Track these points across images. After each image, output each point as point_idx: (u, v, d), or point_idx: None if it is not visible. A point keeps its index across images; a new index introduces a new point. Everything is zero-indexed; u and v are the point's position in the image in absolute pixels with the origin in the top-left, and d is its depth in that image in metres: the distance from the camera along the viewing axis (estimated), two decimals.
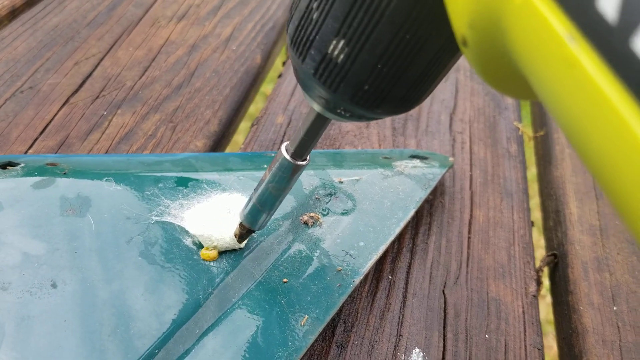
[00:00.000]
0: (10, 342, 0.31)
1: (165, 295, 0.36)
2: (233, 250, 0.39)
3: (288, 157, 0.34)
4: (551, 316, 0.50)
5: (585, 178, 0.57)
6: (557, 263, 0.51)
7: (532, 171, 0.64)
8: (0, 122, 0.48)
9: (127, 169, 0.44)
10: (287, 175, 0.35)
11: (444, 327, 0.41)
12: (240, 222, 0.38)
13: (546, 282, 0.52)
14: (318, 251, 0.41)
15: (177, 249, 0.38)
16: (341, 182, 0.47)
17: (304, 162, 0.34)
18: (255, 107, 0.61)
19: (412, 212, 0.46)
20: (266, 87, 0.61)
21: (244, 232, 0.38)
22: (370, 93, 0.26)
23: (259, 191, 0.36)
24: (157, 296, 0.35)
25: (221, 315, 0.36)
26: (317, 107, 0.30)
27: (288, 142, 0.34)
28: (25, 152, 0.46)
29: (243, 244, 0.39)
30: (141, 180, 0.43)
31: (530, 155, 0.68)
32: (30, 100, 0.50)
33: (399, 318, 0.41)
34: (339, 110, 0.28)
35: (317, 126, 0.32)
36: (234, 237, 0.38)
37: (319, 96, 0.28)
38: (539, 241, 0.58)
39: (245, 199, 0.42)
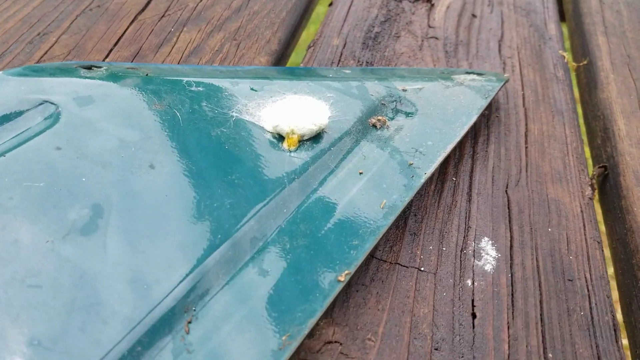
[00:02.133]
0: (118, 212, 0.34)
1: (254, 178, 0.38)
2: (311, 144, 0.41)
3: None
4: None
5: (630, 99, 0.59)
6: (607, 175, 0.52)
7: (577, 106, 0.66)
8: (74, 36, 0.50)
9: (203, 75, 0.46)
10: None
11: (510, 221, 0.43)
12: None
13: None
14: (389, 149, 0.43)
15: (259, 140, 0.41)
16: (405, 91, 0.49)
17: None
18: (306, 33, 0.63)
19: (474, 118, 0.48)
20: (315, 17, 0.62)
21: None
22: None
23: None
24: (247, 178, 0.38)
25: (305, 198, 0.38)
26: None
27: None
28: (103, 60, 0.48)
29: (315, 131, 0.41)
30: (218, 83, 0.44)
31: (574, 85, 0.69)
32: (100, 16, 0.52)
33: (466, 212, 0.43)
34: None
35: None
36: (314, 124, 0.40)
37: None
38: (588, 161, 0.59)
39: (316, 102, 0.44)
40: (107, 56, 0.48)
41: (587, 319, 0.38)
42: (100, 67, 0.44)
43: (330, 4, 0.65)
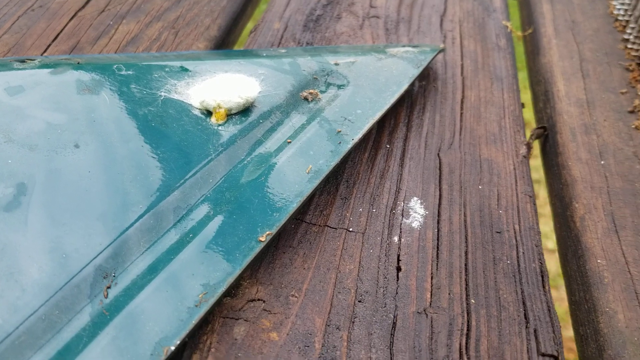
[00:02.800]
0: (42, 188, 0.35)
1: (180, 152, 0.39)
2: (239, 118, 0.42)
3: None
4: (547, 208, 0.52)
5: (572, 62, 0.60)
6: (547, 136, 0.53)
7: (524, 75, 0.67)
8: (15, 35, 0.51)
9: (135, 61, 0.47)
10: None
11: (440, 181, 0.44)
12: None
13: (540, 170, 0.55)
14: (318, 119, 0.44)
15: (186, 117, 0.41)
16: (337, 64, 0.50)
17: None
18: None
19: (405, 86, 0.48)
20: (264, 7, 0.64)
21: None
22: None
23: None
24: (172, 152, 0.39)
25: (232, 168, 0.39)
26: None
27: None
28: (41, 55, 0.49)
29: (242, 105, 0.42)
30: (149, 67, 0.45)
31: (522, 59, 0.70)
32: (41, 16, 0.53)
33: (397, 176, 0.44)
34: None
35: None
36: (240, 97, 0.41)
37: None
38: (531, 125, 0.60)
39: (246, 79, 0.45)
40: (45, 51, 0.49)
41: (514, 267, 0.38)
42: (33, 59, 0.45)
43: None
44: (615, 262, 0.39)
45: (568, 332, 0.49)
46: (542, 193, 0.99)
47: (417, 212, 0.41)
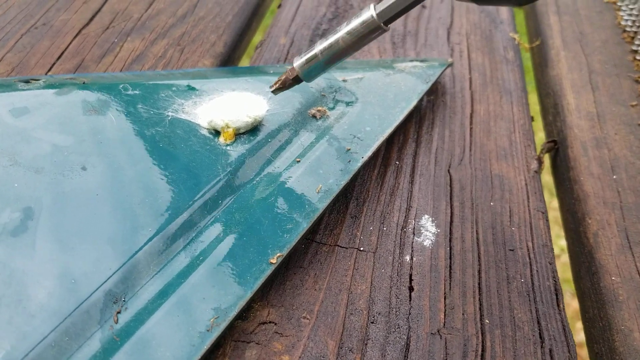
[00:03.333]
0: (49, 212, 0.34)
1: (188, 173, 0.38)
2: (248, 137, 0.42)
3: (375, 14, 0.35)
4: (558, 216, 0.52)
5: (581, 74, 0.59)
6: (558, 149, 0.53)
7: (532, 96, 0.66)
8: (19, 53, 0.51)
9: (141, 80, 0.47)
10: (364, 33, 0.35)
11: (451, 198, 0.43)
12: (292, 67, 0.40)
13: (550, 179, 0.55)
14: (327, 137, 0.44)
15: (194, 137, 0.41)
16: (345, 81, 0.49)
17: (385, 27, 0.35)
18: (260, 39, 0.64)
19: (414, 102, 0.48)
20: (269, 21, 0.63)
21: (290, 79, 0.40)
22: None
23: (328, 41, 0.37)
24: (180, 174, 0.38)
25: (241, 189, 0.39)
26: None
27: (377, 3, 0.35)
28: (45, 74, 0.48)
29: (251, 124, 0.41)
30: (155, 86, 0.45)
31: (530, 71, 0.70)
32: (44, 33, 0.53)
33: (407, 193, 0.44)
34: None
35: None
36: (248, 116, 0.41)
37: None
38: (540, 140, 0.60)
39: (254, 97, 0.45)
40: (49, 70, 0.49)
41: (528, 285, 0.38)
42: (38, 79, 0.45)
43: (279, 6, 0.66)
44: (629, 279, 0.39)
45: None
46: (546, 194, 0.99)
47: (428, 230, 0.41)
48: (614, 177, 0.47)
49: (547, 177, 0.71)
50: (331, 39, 0.36)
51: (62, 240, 0.33)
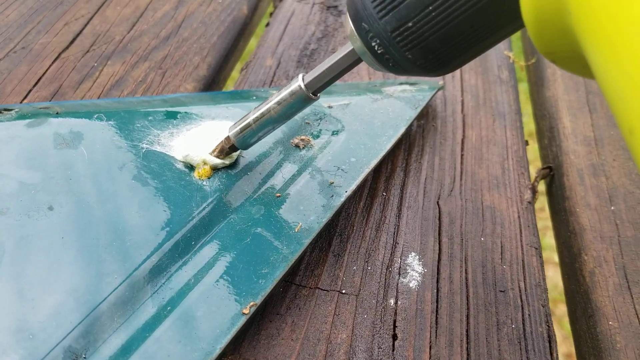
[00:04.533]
0: (10, 258, 0.32)
1: (159, 212, 0.36)
2: (226, 172, 0.40)
3: (303, 85, 0.34)
4: (553, 241, 0.49)
5: (578, 95, 0.57)
6: (553, 176, 0.51)
7: (529, 109, 0.64)
8: None
9: (117, 108, 0.45)
10: (294, 103, 0.35)
11: (439, 233, 0.41)
12: (227, 136, 0.38)
13: (541, 202, 0.53)
14: (310, 168, 0.42)
15: (169, 171, 0.39)
16: (330, 107, 0.47)
17: (314, 97, 0.35)
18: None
19: (402, 130, 0.46)
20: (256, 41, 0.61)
21: (227, 148, 0.38)
22: (411, 32, 0.27)
23: (260, 110, 0.36)
24: (151, 213, 0.36)
25: (215, 229, 0.37)
26: (355, 43, 0.30)
27: (306, 73, 0.35)
28: (20, 102, 0.47)
29: (228, 161, 0.40)
30: (131, 115, 0.43)
31: (526, 89, 0.68)
32: (23, 58, 0.52)
33: (394, 228, 0.41)
34: (374, 44, 0.28)
35: (343, 63, 0.32)
36: (214, 150, 0.39)
37: (363, 25, 0.28)
38: (536, 163, 0.58)
39: None
40: (25, 97, 0.47)
41: (519, 331, 0.36)
42: (11, 110, 0.43)
43: (267, 25, 0.64)
44: (628, 324, 0.37)
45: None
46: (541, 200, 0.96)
47: (414, 270, 0.38)
48: (612, 208, 0.45)
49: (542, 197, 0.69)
50: (263, 108, 0.36)
51: (23, 290, 0.31)
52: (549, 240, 0.99)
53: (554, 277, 1.01)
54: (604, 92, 0.17)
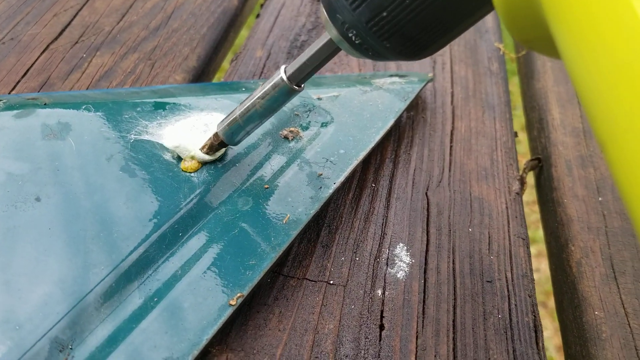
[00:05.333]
0: None
1: (147, 203, 0.36)
2: (214, 164, 0.40)
3: (285, 77, 0.34)
4: (541, 233, 0.50)
5: (567, 87, 0.57)
6: (542, 167, 0.51)
7: (520, 104, 0.64)
8: None
9: (105, 99, 0.44)
10: (278, 96, 0.35)
11: (427, 224, 0.42)
12: (216, 133, 0.38)
13: (533, 195, 0.53)
14: (299, 160, 0.42)
15: (157, 162, 0.39)
16: (320, 99, 0.47)
17: (297, 88, 0.34)
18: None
19: (391, 122, 0.46)
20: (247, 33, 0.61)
21: (216, 144, 0.38)
22: (386, 22, 0.26)
23: (245, 105, 0.36)
24: (139, 204, 0.36)
25: (203, 220, 0.37)
26: (331, 32, 0.30)
27: (288, 65, 0.35)
28: (8, 93, 0.46)
29: (217, 155, 0.40)
30: (119, 106, 0.43)
31: (516, 84, 0.68)
32: (11, 49, 0.51)
33: (383, 219, 0.42)
34: (351, 35, 0.28)
35: (323, 53, 0.32)
36: (203, 146, 0.39)
37: (338, 17, 0.28)
38: (526, 156, 0.58)
39: (221, 118, 0.43)
40: (13, 89, 0.47)
41: (505, 321, 0.36)
42: None
43: (257, 16, 0.64)
44: (614, 314, 0.37)
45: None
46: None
47: (402, 261, 0.39)
48: (600, 199, 0.45)
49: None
50: (248, 102, 0.35)
51: (9, 281, 0.31)
52: (541, 233, 0.99)
53: (547, 269, 1.01)
54: (577, 93, 0.17)
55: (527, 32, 0.21)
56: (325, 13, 0.30)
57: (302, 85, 0.35)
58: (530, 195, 0.88)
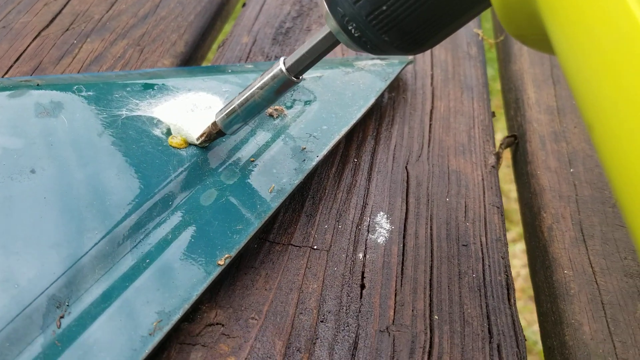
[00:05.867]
0: None
1: (137, 175, 0.38)
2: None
3: (284, 69, 0.36)
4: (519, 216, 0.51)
5: (542, 68, 0.60)
6: (518, 144, 0.53)
7: (498, 88, 0.67)
8: None
9: (96, 81, 0.46)
10: (277, 87, 0.36)
11: (407, 195, 0.44)
12: (214, 122, 0.39)
13: (511, 175, 0.55)
14: (283, 135, 0.44)
15: (146, 138, 0.41)
16: (303, 79, 0.49)
17: (296, 80, 0.36)
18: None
19: (372, 100, 0.48)
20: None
21: (214, 133, 0.40)
22: (385, 15, 0.28)
23: (244, 96, 0.38)
24: (130, 175, 0.38)
25: (192, 190, 0.39)
26: (331, 24, 0.31)
27: (287, 56, 0.36)
28: (1, 77, 0.48)
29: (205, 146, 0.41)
30: (110, 86, 0.45)
31: (496, 73, 0.70)
32: (3, 36, 0.53)
33: (364, 191, 0.44)
34: (350, 28, 0.30)
35: (322, 45, 0.34)
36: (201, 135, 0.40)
37: (338, 9, 0.30)
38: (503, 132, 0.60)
39: (210, 97, 0.45)
40: (6, 73, 0.48)
41: (479, 280, 0.38)
42: None
43: (244, 5, 0.66)
44: (582, 273, 0.39)
45: None
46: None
47: (382, 227, 0.41)
48: (571, 170, 0.47)
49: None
50: (247, 93, 0.37)
51: (7, 245, 0.33)
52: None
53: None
54: (568, 81, 0.19)
55: (522, 27, 0.22)
56: (326, 5, 0.31)
57: (301, 77, 0.36)
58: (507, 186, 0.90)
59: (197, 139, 0.40)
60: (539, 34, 0.21)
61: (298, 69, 0.35)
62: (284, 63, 0.35)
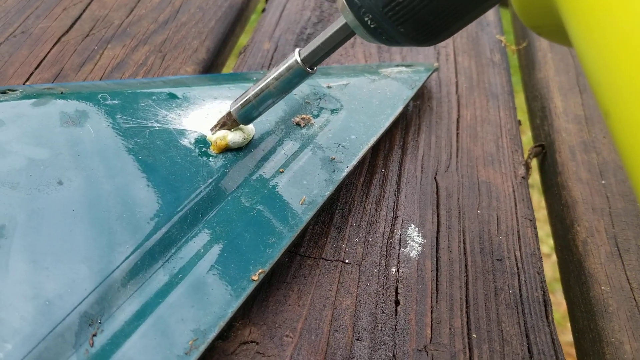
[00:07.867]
0: (23, 230, 0.33)
1: (167, 186, 0.37)
2: (231, 151, 0.41)
3: (299, 59, 0.35)
4: (551, 241, 0.51)
5: (568, 77, 0.59)
6: (546, 154, 0.52)
7: (521, 96, 0.66)
8: None
9: (120, 89, 0.45)
10: (291, 78, 0.36)
11: (437, 207, 0.43)
12: (229, 112, 0.39)
13: (538, 185, 0.54)
14: (311, 145, 0.43)
15: (174, 148, 0.40)
16: (329, 87, 0.48)
17: (311, 71, 0.36)
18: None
19: (400, 109, 0.47)
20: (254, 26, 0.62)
21: (229, 122, 0.39)
22: (402, 7, 0.28)
23: (259, 86, 0.38)
24: (159, 187, 0.37)
25: (222, 202, 0.38)
26: (347, 16, 0.31)
27: (302, 48, 0.36)
28: (23, 84, 0.47)
29: (245, 142, 0.41)
30: (135, 95, 0.44)
31: (517, 76, 0.69)
32: (23, 42, 0.52)
33: (394, 202, 0.43)
34: (366, 19, 0.30)
35: (337, 37, 0.34)
36: (243, 137, 0.40)
37: (355, 1, 0.29)
38: (528, 145, 0.59)
39: None
40: (27, 79, 0.48)
41: (516, 296, 0.37)
42: (15, 90, 0.44)
43: (263, 10, 0.65)
44: (620, 289, 0.38)
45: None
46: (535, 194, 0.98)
47: (414, 241, 0.40)
48: (603, 182, 0.46)
49: (535, 176, 0.70)
50: (262, 83, 0.37)
51: (37, 260, 0.32)
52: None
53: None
54: (584, 70, 0.18)
55: (538, 18, 0.22)
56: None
57: (315, 69, 0.36)
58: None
59: (211, 130, 0.40)
60: (555, 25, 0.21)
61: (313, 60, 0.35)
62: (299, 54, 0.35)
